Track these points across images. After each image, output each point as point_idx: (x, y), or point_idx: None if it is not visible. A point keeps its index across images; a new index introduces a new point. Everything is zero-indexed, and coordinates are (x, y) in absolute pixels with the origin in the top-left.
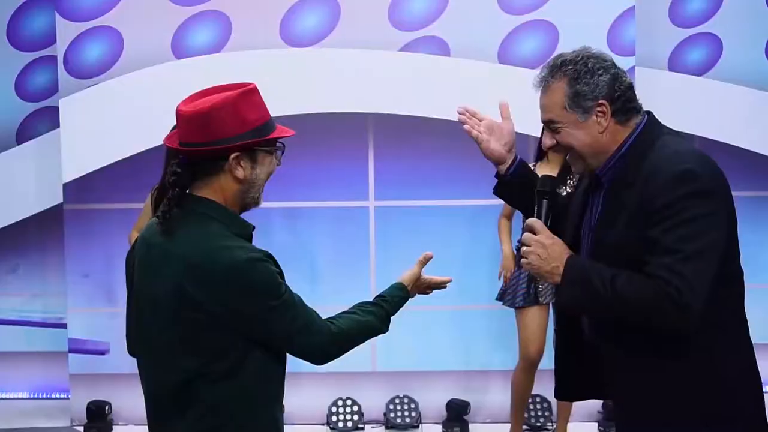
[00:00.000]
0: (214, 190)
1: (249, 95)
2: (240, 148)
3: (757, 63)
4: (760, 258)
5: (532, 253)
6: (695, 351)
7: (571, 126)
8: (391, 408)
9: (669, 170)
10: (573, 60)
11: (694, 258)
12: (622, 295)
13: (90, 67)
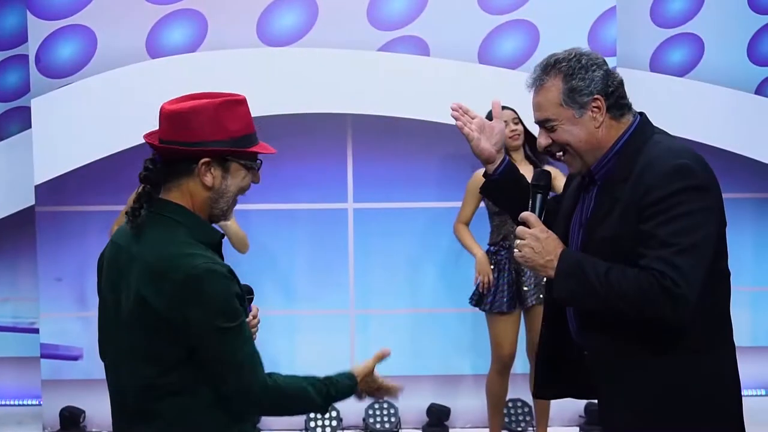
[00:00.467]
0: (182, 194)
1: (234, 105)
2: (211, 154)
3: (738, 64)
4: (741, 260)
5: (526, 246)
6: (683, 347)
7: (567, 122)
8: (371, 413)
9: (664, 164)
10: (566, 58)
11: (690, 251)
12: (617, 288)
13: (62, 66)
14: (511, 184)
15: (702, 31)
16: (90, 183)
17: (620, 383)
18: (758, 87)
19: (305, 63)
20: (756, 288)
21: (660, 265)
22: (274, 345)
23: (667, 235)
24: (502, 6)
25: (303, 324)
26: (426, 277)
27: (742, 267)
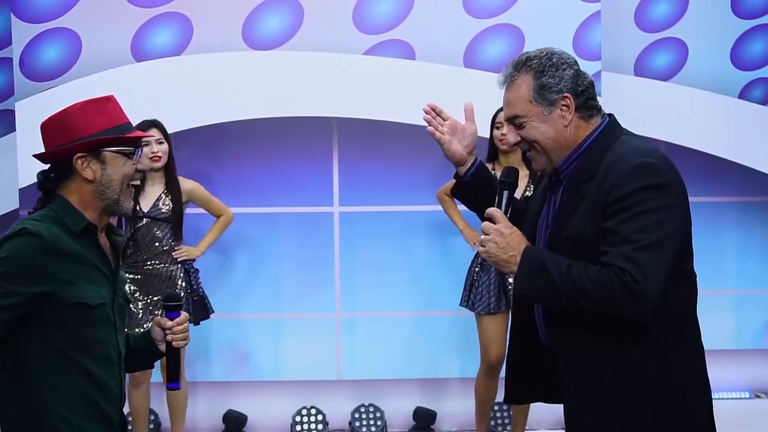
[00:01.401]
0: (71, 191)
1: (101, 102)
2: (82, 148)
3: (722, 68)
4: (725, 264)
5: (491, 241)
6: (648, 347)
7: (536, 119)
8: (357, 417)
9: (628, 163)
10: (538, 55)
11: (651, 248)
12: (578, 284)
13: (47, 69)
14: (482, 185)
15: (686, 36)
16: None
17: (585, 383)
18: (741, 91)
19: (290, 66)
20: (740, 291)
21: (621, 262)
22: (260, 348)
23: (629, 232)
24: (488, 10)
25: (289, 327)
26: (413, 280)
27: (726, 270)
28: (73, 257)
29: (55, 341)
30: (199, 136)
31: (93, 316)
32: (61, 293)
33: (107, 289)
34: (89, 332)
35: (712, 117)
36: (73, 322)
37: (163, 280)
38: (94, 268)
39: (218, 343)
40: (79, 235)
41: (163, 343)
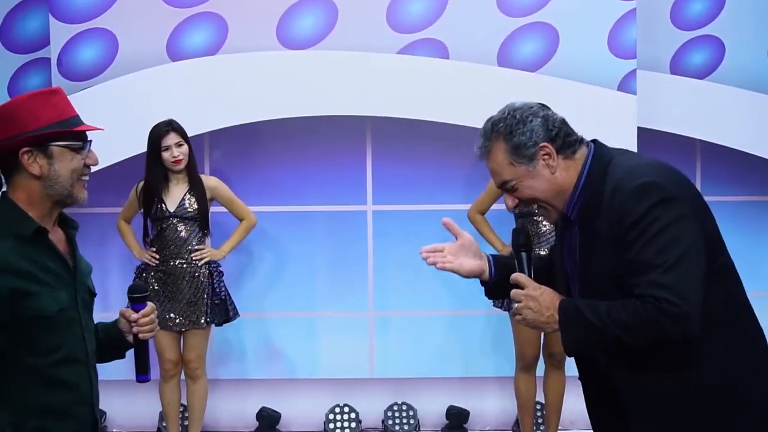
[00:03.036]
0: (17, 189)
1: (47, 95)
2: (27, 143)
3: (760, 66)
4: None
5: (525, 308)
6: (704, 355)
7: (525, 178)
8: (390, 415)
9: (627, 188)
10: (502, 118)
11: (677, 266)
12: (620, 324)
13: (84, 69)
14: (508, 275)
15: (723, 34)
16: (108, 184)
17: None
18: None
19: (324, 66)
20: None
21: (653, 290)
22: (294, 346)
23: (651, 257)
24: (522, 8)
25: (323, 326)
26: (446, 279)
27: (765, 270)
28: (25, 269)
29: (14, 353)
30: (233, 136)
31: (53, 323)
32: (17, 310)
33: (66, 291)
34: (49, 339)
35: (750, 115)
36: (33, 332)
37: (187, 281)
38: (49, 273)
39: (252, 341)
40: (29, 240)
41: (131, 335)
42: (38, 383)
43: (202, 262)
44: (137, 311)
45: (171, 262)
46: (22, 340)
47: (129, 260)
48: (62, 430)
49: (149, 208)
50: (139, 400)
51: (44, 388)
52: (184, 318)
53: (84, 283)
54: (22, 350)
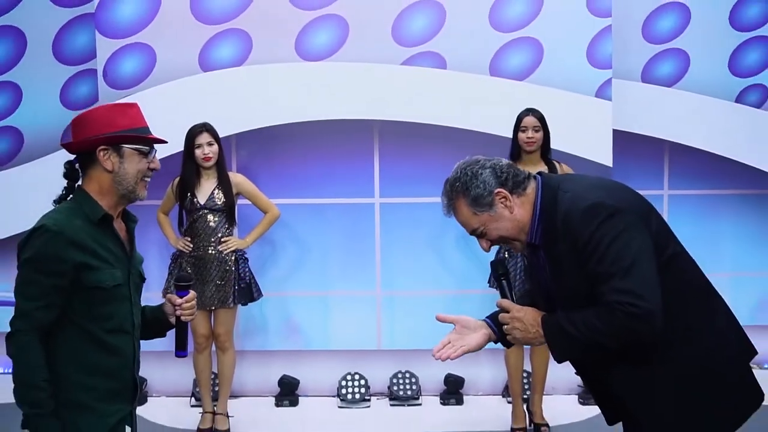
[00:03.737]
0: (91, 181)
1: (124, 107)
2: (105, 141)
3: (720, 76)
4: (722, 250)
5: (513, 329)
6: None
7: (490, 223)
8: (395, 382)
9: (576, 211)
10: (456, 177)
11: (631, 270)
12: (595, 331)
13: (126, 79)
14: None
15: (688, 47)
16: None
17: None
18: (738, 96)
19: (337, 75)
20: (736, 273)
21: (615, 296)
22: (311, 322)
23: (607, 267)
24: (511, 24)
25: (336, 304)
26: (444, 263)
27: (724, 254)
28: (91, 245)
29: (73, 316)
30: (258, 137)
31: (109, 295)
32: (82, 278)
33: (122, 271)
34: (104, 309)
35: (712, 119)
36: (91, 301)
37: (216, 265)
38: (110, 253)
39: (274, 317)
40: (97, 223)
41: (174, 317)
42: (92, 345)
43: (229, 251)
44: (181, 297)
45: (202, 249)
46: (81, 306)
47: (166, 247)
48: (107, 388)
49: (183, 200)
50: (175, 370)
51: (96, 350)
52: (214, 298)
53: (136, 268)
54: (81, 316)
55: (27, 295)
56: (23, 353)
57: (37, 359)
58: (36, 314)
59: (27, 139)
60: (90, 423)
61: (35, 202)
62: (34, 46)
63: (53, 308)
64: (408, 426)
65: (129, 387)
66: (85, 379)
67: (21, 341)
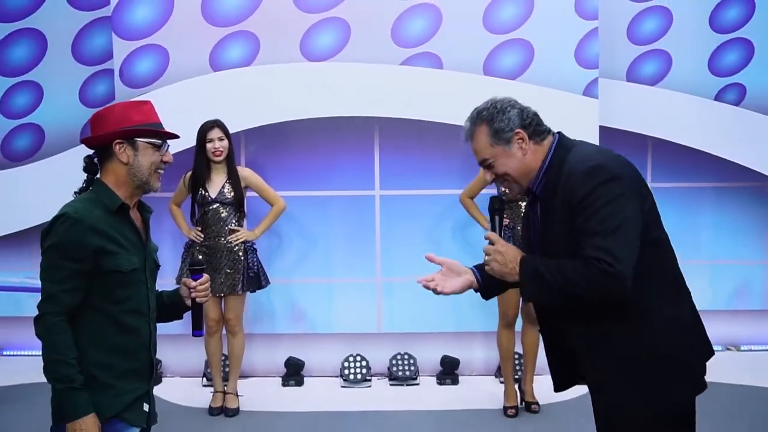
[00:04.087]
0: (108, 173)
1: (139, 104)
2: (121, 135)
3: (701, 75)
4: (702, 239)
5: (493, 260)
6: (638, 313)
7: (501, 157)
8: (394, 363)
9: (580, 169)
10: (486, 107)
11: (615, 233)
12: (569, 280)
13: (141, 78)
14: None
15: (670, 48)
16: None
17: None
18: (717, 94)
19: (340, 75)
20: (714, 261)
21: (594, 252)
22: (315, 307)
23: (594, 225)
24: (503, 27)
25: (339, 290)
26: (441, 251)
27: (703, 244)
28: (110, 232)
29: (93, 299)
30: (265, 133)
31: (126, 279)
32: (101, 263)
33: (139, 257)
34: (122, 292)
35: (692, 116)
36: (110, 284)
37: (226, 254)
38: (127, 239)
39: (280, 303)
40: (114, 212)
41: (189, 299)
42: (111, 326)
43: (238, 242)
44: (195, 281)
45: (213, 240)
46: (101, 290)
47: (179, 236)
48: (125, 367)
49: (195, 194)
50: (188, 352)
51: (115, 331)
52: (224, 285)
53: (151, 255)
54: (100, 298)
55: (52, 279)
56: (52, 334)
57: (66, 338)
58: (62, 297)
59: (48, 136)
60: (109, 400)
61: (56, 194)
62: (54, 48)
63: (77, 291)
64: (407, 404)
65: (146, 366)
66: (105, 359)
67: (50, 322)
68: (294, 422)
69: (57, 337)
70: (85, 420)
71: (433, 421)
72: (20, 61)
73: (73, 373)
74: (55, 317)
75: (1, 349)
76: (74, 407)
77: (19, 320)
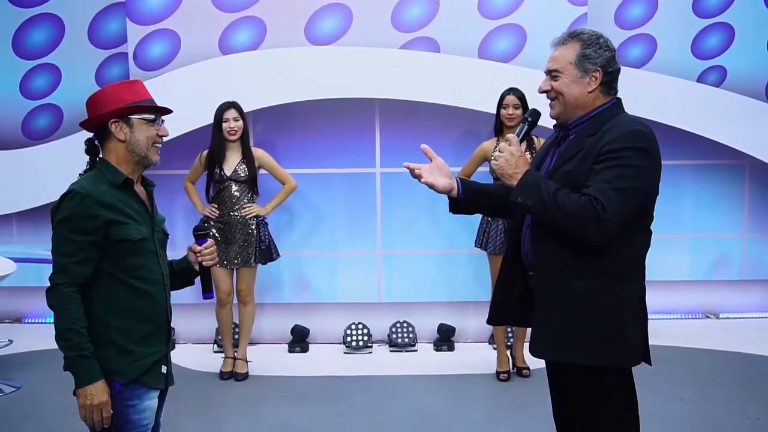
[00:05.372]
0: (109, 152)
1: (129, 84)
2: (115, 114)
3: (684, 58)
4: (683, 213)
5: (502, 157)
6: (608, 276)
7: (570, 78)
8: (394, 330)
9: (624, 127)
10: (589, 32)
11: (623, 191)
12: (560, 204)
13: (154, 61)
14: (474, 195)
15: (655, 32)
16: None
17: (554, 298)
18: (699, 76)
19: (342, 58)
20: (694, 234)
21: (597, 194)
22: (319, 278)
23: (609, 176)
24: (498, 12)
25: (341, 262)
26: (437, 226)
27: (684, 218)
28: (117, 205)
29: (107, 267)
30: (271, 114)
31: (136, 248)
32: (111, 233)
33: (146, 227)
34: (133, 259)
35: (676, 97)
36: (121, 253)
37: (239, 228)
38: (134, 211)
39: (287, 274)
40: (119, 187)
41: (197, 264)
42: (126, 291)
43: (250, 216)
44: (201, 245)
45: (227, 215)
46: (113, 258)
47: (192, 212)
48: (143, 330)
49: (212, 171)
50: (200, 321)
51: (130, 296)
52: (238, 257)
53: (159, 225)
54: (112, 266)
55: (63, 252)
56: (63, 304)
57: (77, 308)
58: (73, 268)
59: (66, 116)
60: (129, 363)
61: (74, 171)
62: (72, 32)
63: (88, 263)
64: (406, 369)
65: (163, 329)
66: (123, 323)
67: (62, 293)
68: (300, 386)
69: (68, 307)
70: (96, 386)
71: (431, 385)
72: (39, 44)
73: (83, 341)
74: (67, 288)
75: (24, 317)
76: (84, 374)
77: (40, 290)
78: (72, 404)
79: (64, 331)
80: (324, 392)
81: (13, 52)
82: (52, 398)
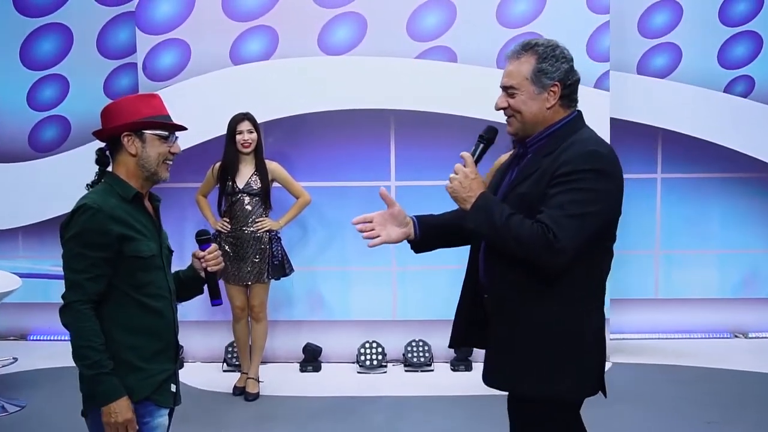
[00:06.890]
0: (119, 165)
1: (147, 98)
2: (129, 127)
3: (710, 67)
4: (710, 229)
5: (456, 180)
6: (566, 304)
7: (526, 95)
8: (409, 349)
9: (581, 148)
10: (544, 44)
11: (577, 218)
12: (513, 230)
13: (164, 72)
14: (433, 230)
15: (681, 41)
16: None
17: (509, 322)
18: (726, 87)
19: (357, 68)
20: (722, 251)
21: (550, 222)
22: (332, 295)
23: (563, 201)
24: (516, 21)
25: (355, 278)
26: None
27: (711, 233)
28: (128, 220)
29: (117, 283)
30: (284, 125)
31: (147, 264)
32: (123, 249)
33: (155, 243)
34: (143, 276)
35: (702, 108)
36: (131, 269)
37: (252, 244)
38: (143, 227)
39: (299, 290)
40: (129, 201)
41: (203, 270)
42: (136, 308)
43: (262, 231)
44: (204, 251)
45: (240, 230)
46: (124, 274)
47: (204, 225)
48: (152, 348)
49: (224, 184)
50: (209, 338)
51: (140, 313)
52: (251, 274)
53: (165, 242)
54: (124, 282)
55: (76, 268)
56: (79, 321)
57: (93, 325)
58: (87, 285)
59: (74, 127)
60: (141, 382)
61: (82, 184)
62: (80, 42)
63: (101, 279)
64: (421, 389)
65: (171, 347)
66: (133, 341)
67: (76, 310)
68: (311, 406)
69: (84, 324)
70: (119, 403)
71: (448, 406)
72: (47, 55)
73: (103, 358)
74: (81, 305)
75: (30, 333)
76: (107, 391)
77: (45, 306)
78: (79, 425)
79: (82, 349)
80: (336, 413)
81: (21, 63)
82: (58, 418)
